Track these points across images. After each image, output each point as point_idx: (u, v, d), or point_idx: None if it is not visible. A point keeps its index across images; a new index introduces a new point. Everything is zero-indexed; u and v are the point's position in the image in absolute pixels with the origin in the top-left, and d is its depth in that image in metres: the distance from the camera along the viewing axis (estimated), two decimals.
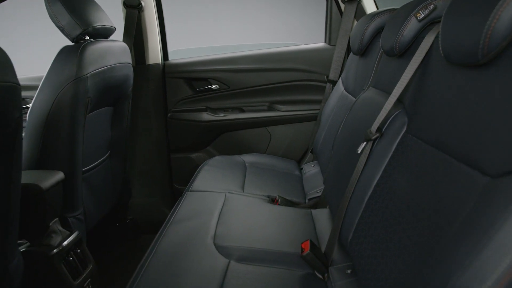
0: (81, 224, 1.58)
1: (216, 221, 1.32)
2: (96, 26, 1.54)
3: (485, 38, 0.62)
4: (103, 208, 1.84)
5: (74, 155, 1.47)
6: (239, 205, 1.46)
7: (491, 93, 0.64)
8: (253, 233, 1.26)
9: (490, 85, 0.65)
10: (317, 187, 1.71)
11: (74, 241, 1.43)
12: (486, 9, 0.62)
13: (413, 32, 1.03)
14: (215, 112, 2.25)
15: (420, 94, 0.93)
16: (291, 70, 2.19)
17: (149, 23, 2.11)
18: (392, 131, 0.99)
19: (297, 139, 2.26)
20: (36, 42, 3.22)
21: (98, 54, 1.51)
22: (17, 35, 3.47)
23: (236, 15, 3.51)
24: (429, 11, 1.01)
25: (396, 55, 1.11)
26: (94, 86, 1.48)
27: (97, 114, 1.65)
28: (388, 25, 1.17)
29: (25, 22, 3.36)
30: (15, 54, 1.05)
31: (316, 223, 1.39)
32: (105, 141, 1.82)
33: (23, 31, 3.43)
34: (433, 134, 0.82)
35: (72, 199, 1.51)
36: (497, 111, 0.62)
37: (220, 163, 1.91)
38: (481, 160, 0.63)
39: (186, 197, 1.52)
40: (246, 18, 3.50)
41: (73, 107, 1.41)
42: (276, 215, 1.41)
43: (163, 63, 2.21)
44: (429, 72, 0.91)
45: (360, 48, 1.57)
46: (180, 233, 1.24)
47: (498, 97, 0.63)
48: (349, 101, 1.63)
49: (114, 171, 1.92)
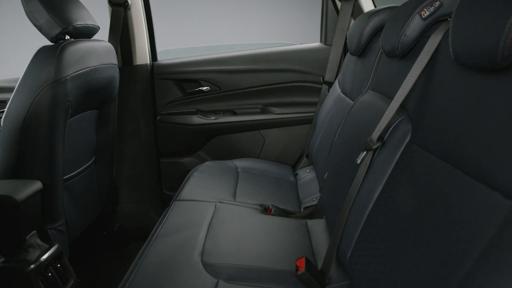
0: (62, 235, 1.49)
1: (204, 234, 1.23)
2: (77, 25, 1.45)
3: (506, 39, 0.54)
4: (88, 217, 1.76)
5: (53, 162, 1.38)
6: (230, 216, 1.37)
7: None
8: (244, 248, 1.17)
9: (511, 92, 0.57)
10: (313, 195, 1.63)
11: (53, 255, 1.35)
12: (508, 4, 0.54)
13: (417, 32, 0.95)
14: (206, 115, 2.17)
15: (425, 99, 0.85)
16: (285, 71, 2.12)
17: (136, 22, 2.02)
18: (394, 140, 0.91)
19: (292, 143, 2.19)
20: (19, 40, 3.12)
21: (79, 55, 1.42)
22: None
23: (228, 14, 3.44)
24: (434, 9, 0.93)
25: (398, 56, 1.03)
26: (75, 89, 1.40)
27: (80, 118, 1.57)
28: (389, 24, 1.09)
29: (5, 19, 3.26)
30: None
31: (312, 235, 1.30)
32: (90, 146, 1.74)
33: (3, 28, 3.33)
34: (442, 146, 0.74)
35: (52, 209, 1.43)
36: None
37: (211, 169, 1.82)
38: (502, 180, 0.54)
39: (173, 207, 1.44)
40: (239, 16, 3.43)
41: (51, 111, 1.33)
42: (269, 227, 1.32)
43: (151, 63, 2.13)
44: (436, 75, 0.83)
45: (358, 48, 1.49)
46: (165, 249, 1.15)
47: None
48: (346, 104, 1.55)
49: (100, 178, 1.85)
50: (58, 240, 1.44)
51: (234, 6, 3.42)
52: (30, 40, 1.98)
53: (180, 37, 3.36)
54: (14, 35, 3.34)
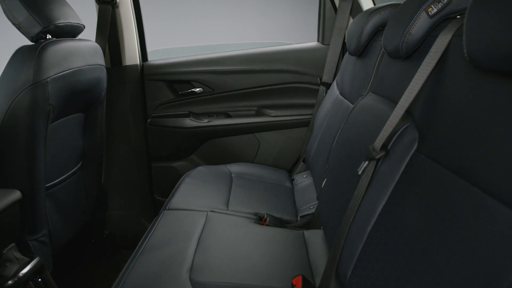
0: (45, 247, 1.42)
1: (194, 248, 1.15)
2: (59, 23, 1.37)
3: None
4: (74, 226, 1.68)
5: (34, 170, 1.31)
6: (222, 227, 1.29)
7: None
8: (236, 264, 1.09)
9: None
10: (310, 202, 1.55)
11: (34, 268, 1.28)
12: None
13: (423, 30, 0.87)
14: (199, 118, 2.11)
15: (434, 105, 0.77)
16: (281, 72, 2.07)
17: (125, 20, 1.94)
18: (399, 149, 0.83)
19: (288, 146, 2.13)
20: None
21: (61, 55, 1.34)
22: None
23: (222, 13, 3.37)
24: (442, 5, 0.85)
25: (402, 57, 0.95)
26: (56, 91, 1.32)
27: (64, 122, 1.50)
28: (391, 22, 1.01)
29: None
30: None
31: (309, 248, 1.22)
32: (76, 151, 1.67)
33: None
34: (453, 157, 0.66)
35: (33, 220, 1.36)
36: None
37: (203, 175, 1.74)
38: None
39: (162, 217, 1.35)
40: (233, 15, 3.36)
41: (30, 116, 1.25)
42: (264, 239, 1.24)
43: (141, 64, 2.07)
44: (446, 78, 0.75)
45: (358, 48, 1.42)
46: (151, 264, 1.07)
47: None
48: (345, 107, 1.48)
49: (87, 184, 1.78)
50: (40, 252, 1.37)
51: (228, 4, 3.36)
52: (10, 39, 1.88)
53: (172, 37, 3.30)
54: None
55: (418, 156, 0.77)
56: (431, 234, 0.64)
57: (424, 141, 0.78)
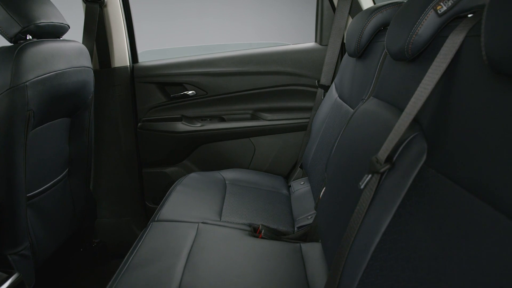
0: (26, 261, 1.34)
1: (183, 265, 1.06)
2: (40, 23, 1.29)
3: None
4: (60, 236, 1.61)
5: (13, 180, 1.24)
6: (214, 240, 1.21)
7: None
8: (228, 282, 1.01)
9: None
10: (307, 212, 1.48)
11: (12, 286, 1.21)
12: None
13: (431, 30, 0.80)
14: (192, 122, 2.05)
15: (445, 113, 0.69)
16: (277, 74, 2.01)
17: (114, 20, 1.87)
18: (406, 161, 0.75)
19: (285, 151, 2.08)
20: None
21: (41, 57, 1.26)
22: None
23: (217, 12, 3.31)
24: (453, 3, 0.77)
25: (407, 59, 0.88)
26: (37, 96, 1.24)
27: (47, 127, 1.42)
28: (396, 21, 0.94)
29: None
30: None
31: (306, 263, 1.15)
32: (61, 157, 1.59)
33: None
34: (467, 173, 0.58)
35: (12, 232, 1.29)
36: None
37: (195, 182, 1.67)
38: None
39: (150, 229, 1.27)
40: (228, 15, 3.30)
41: (8, 122, 1.19)
42: (259, 254, 1.16)
43: (131, 66, 2.00)
44: (458, 84, 0.67)
45: (358, 49, 1.35)
46: (136, 283, 0.99)
47: None
48: (344, 111, 1.41)
49: (74, 191, 1.71)
50: (20, 267, 1.30)
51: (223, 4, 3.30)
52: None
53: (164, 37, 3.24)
54: None
55: (427, 170, 0.70)
56: (443, 259, 0.57)
57: (434, 153, 0.70)
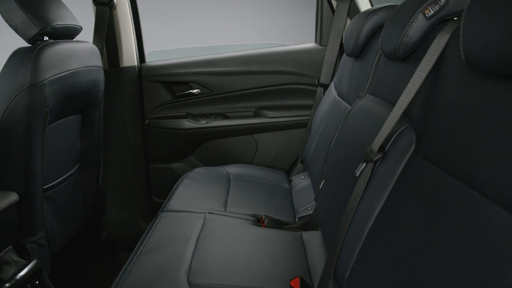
0: (42, 249, 1.41)
1: (192, 251, 1.14)
2: (56, 25, 1.37)
3: None
4: (72, 228, 1.68)
5: (31, 172, 1.31)
6: (220, 229, 1.28)
7: None
8: (234, 266, 1.09)
9: None
10: (308, 204, 1.55)
11: (31, 271, 1.28)
12: None
13: (420, 32, 0.88)
14: (197, 119, 2.11)
15: (431, 107, 0.77)
16: (279, 73, 2.07)
17: (123, 22, 1.94)
18: (397, 150, 0.83)
19: (286, 147, 2.14)
20: None
21: (58, 57, 1.34)
22: None
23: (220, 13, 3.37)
24: (440, 7, 0.85)
25: (399, 58, 0.95)
26: (54, 93, 1.32)
27: (61, 124, 1.49)
28: (389, 23, 1.01)
29: None
30: None
31: (307, 249, 1.22)
32: (73, 153, 1.66)
33: None
34: (451, 160, 0.66)
35: (30, 222, 1.35)
36: None
37: (201, 176, 1.74)
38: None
39: (160, 219, 1.35)
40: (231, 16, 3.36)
41: (27, 118, 1.25)
42: (262, 242, 1.24)
43: (139, 65, 2.06)
44: (443, 80, 0.75)
45: (355, 49, 1.42)
46: (148, 267, 1.06)
47: None
48: (342, 108, 1.48)
49: (85, 186, 1.77)
50: (37, 255, 1.36)
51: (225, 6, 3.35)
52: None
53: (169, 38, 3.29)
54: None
55: (415, 158, 0.77)
56: (428, 236, 0.64)
57: (422, 143, 0.78)
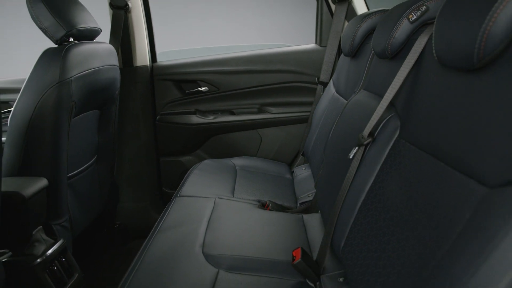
0: (66, 231, 1.54)
1: (205, 228, 1.28)
2: (81, 27, 1.50)
3: (481, 42, 0.60)
4: (90, 215, 1.80)
5: (58, 160, 1.43)
6: (229, 211, 1.42)
7: (488, 99, 0.62)
8: (243, 240, 1.23)
9: (487, 91, 0.63)
10: (309, 191, 1.69)
11: (58, 249, 1.39)
12: (482, 11, 0.60)
13: (405, 34, 1.01)
14: (205, 115, 2.22)
15: (412, 98, 0.91)
16: (281, 72, 2.17)
17: (137, 24, 2.07)
18: (384, 136, 0.97)
19: (288, 141, 2.24)
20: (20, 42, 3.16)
21: (82, 57, 1.47)
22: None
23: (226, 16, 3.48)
24: (421, 13, 0.98)
25: (388, 57, 1.09)
26: (78, 89, 1.45)
27: (82, 118, 1.62)
28: (379, 26, 1.15)
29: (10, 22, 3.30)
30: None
31: (307, 229, 1.36)
32: (92, 145, 1.79)
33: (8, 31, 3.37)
34: (426, 140, 0.80)
35: (56, 206, 1.47)
36: (494, 118, 0.59)
37: (209, 167, 1.87)
38: (478, 169, 0.60)
39: (174, 202, 1.49)
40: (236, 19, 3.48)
41: (56, 111, 1.37)
42: (267, 221, 1.38)
43: (151, 65, 2.18)
44: (422, 75, 0.89)
45: (351, 50, 1.55)
46: (167, 241, 1.20)
47: (494, 103, 0.60)
48: (340, 103, 1.61)
49: (101, 176, 1.89)
50: (62, 236, 1.48)
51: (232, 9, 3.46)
52: (24, 42, 2.00)
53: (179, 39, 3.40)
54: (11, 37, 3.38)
55: (399, 141, 0.91)
56: (407, 202, 0.78)
57: (405, 128, 0.91)
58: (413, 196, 0.76)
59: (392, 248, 0.77)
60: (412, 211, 0.74)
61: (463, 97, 0.70)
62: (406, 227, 0.74)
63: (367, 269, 0.84)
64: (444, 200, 0.66)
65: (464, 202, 0.61)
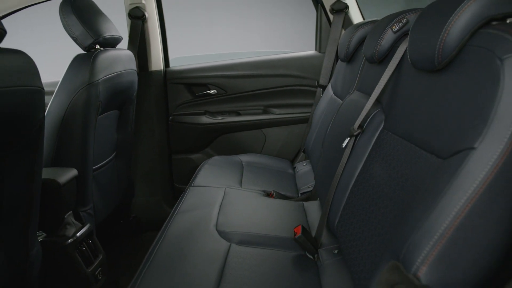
0: (91, 218, 1.69)
1: (217, 211, 1.46)
2: (106, 36, 1.67)
3: (439, 49, 0.78)
4: (110, 205, 1.94)
5: (86, 154, 1.58)
6: (238, 198, 1.60)
7: (445, 93, 0.80)
8: (251, 221, 1.41)
9: (445, 87, 0.81)
10: (309, 183, 1.85)
11: (86, 232, 1.53)
12: (440, 25, 0.78)
13: (389, 42, 1.18)
14: (214, 116, 2.37)
15: (394, 95, 1.08)
16: (284, 76, 2.32)
17: (152, 33, 2.23)
18: (371, 127, 1.14)
19: (290, 140, 2.39)
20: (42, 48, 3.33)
21: (108, 62, 1.64)
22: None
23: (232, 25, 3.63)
24: (402, 24, 1.16)
25: (376, 62, 1.27)
26: (104, 90, 1.60)
27: (105, 116, 1.77)
28: (369, 35, 1.33)
29: None
30: None
31: (307, 213, 1.53)
32: (112, 142, 1.93)
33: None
34: (403, 128, 0.97)
35: (83, 194, 1.61)
36: (448, 105, 0.77)
37: (219, 162, 2.04)
38: (437, 146, 0.78)
39: (189, 191, 1.66)
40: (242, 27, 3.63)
41: (86, 110, 1.52)
42: (272, 207, 1.55)
43: (164, 70, 2.33)
44: (401, 76, 1.06)
45: (347, 56, 1.72)
46: (185, 221, 1.37)
47: (450, 96, 0.78)
48: (337, 104, 1.77)
49: (119, 171, 2.02)
50: (87, 222, 1.64)
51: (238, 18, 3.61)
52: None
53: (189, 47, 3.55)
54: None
55: (384, 132, 1.08)
56: (388, 180, 0.95)
57: (388, 121, 1.08)
58: (392, 174, 0.93)
59: (374, 217, 0.94)
60: (391, 186, 0.92)
61: (428, 92, 0.88)
62: (386, 199, 0.92)
63: (356, 237, 1.01)
64: (413, 173, 0.84)
65: (426, 172, 0.78)
